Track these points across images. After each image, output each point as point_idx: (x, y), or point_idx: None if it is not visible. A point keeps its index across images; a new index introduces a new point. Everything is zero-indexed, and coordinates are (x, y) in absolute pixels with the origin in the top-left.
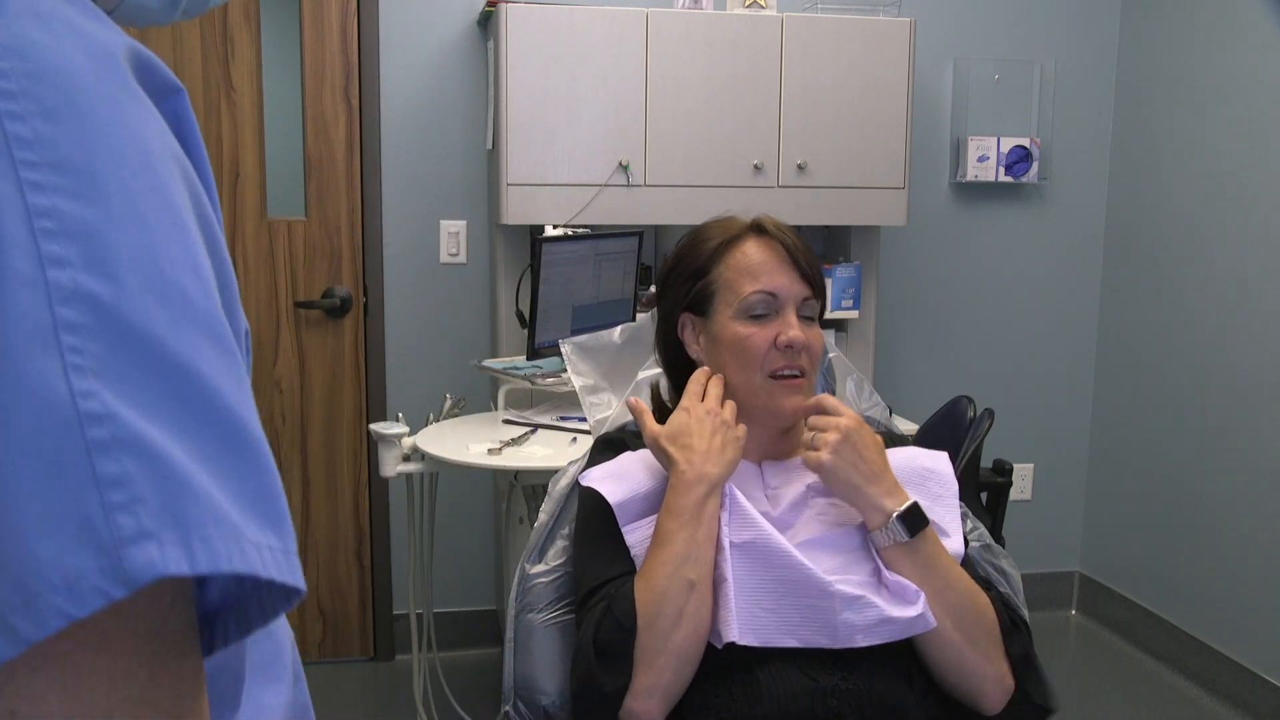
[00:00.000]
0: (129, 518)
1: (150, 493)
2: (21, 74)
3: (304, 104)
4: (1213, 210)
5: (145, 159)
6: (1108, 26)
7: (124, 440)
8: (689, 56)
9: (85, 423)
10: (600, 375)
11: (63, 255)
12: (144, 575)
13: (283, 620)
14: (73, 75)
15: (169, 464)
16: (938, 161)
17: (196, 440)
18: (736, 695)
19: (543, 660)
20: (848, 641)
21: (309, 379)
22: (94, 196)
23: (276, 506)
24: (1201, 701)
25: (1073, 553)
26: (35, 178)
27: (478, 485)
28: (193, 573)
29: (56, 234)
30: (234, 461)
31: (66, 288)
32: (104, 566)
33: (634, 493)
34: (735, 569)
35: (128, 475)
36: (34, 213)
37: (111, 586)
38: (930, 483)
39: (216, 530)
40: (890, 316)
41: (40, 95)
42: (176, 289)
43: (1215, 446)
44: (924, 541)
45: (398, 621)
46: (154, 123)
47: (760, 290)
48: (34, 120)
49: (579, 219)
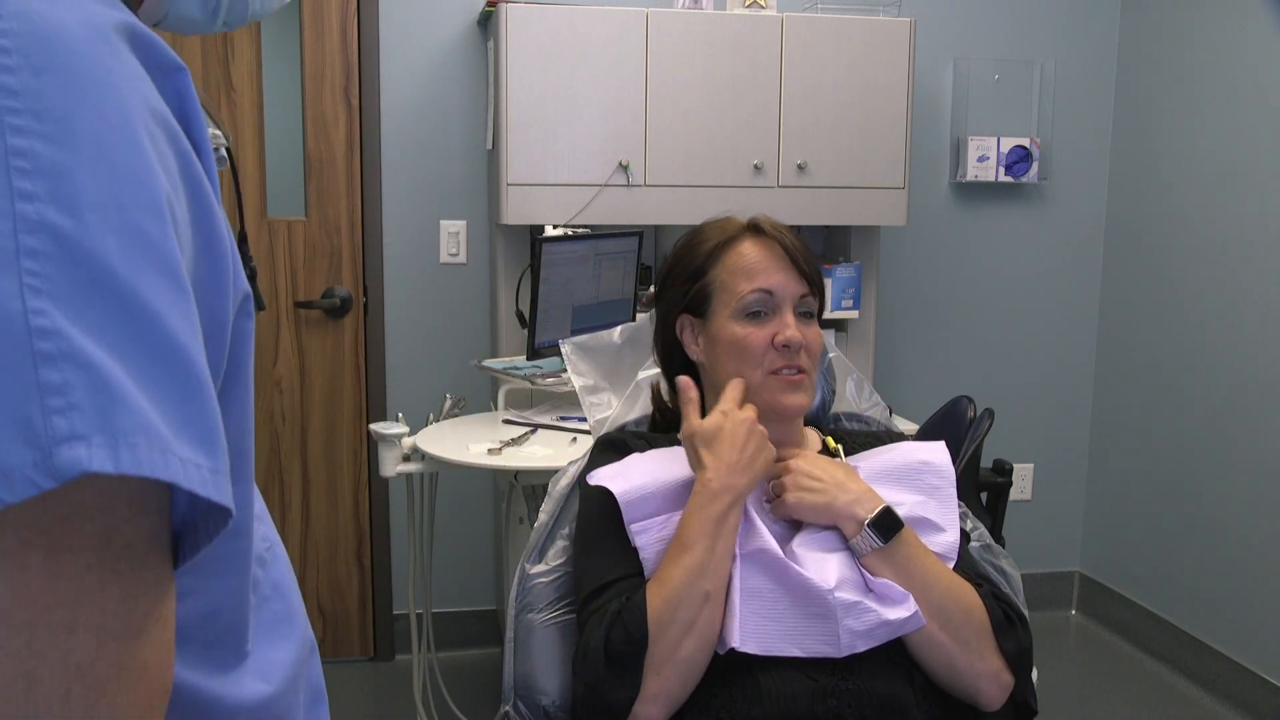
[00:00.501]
0: (64, 420)
1: (86, 401)
2: (19, 34)
3: (304, 104)
4: (1213, 210)
5: (123, 115)
6: (1108, 26)
7: (68, 354)
8: (689, 56)
9: (34, 336)
10: (600, 375)
11: (31, 190)
12: (71, 470)
13: (294, 587)
14: (64, 39)
15: (107, 379)
16: (938, 161)
17: (137, 363)
18: (736, 696)
19: (543, 660)
20: (850, 649)
21: (309, 379)
22: (67, 142)
23: (209, 429)
24: (1201, 701)
25: (1073, 553)
26: (17, 122)
27: (478, 485)
28: (116, 472)
29: (29, 172)
30: (171, 385)
31: (32, 219)
32: (36, 460)
33: (642, 493)
34: (742, 577)
35: (68, 384)
36: (10, 152)
37: (41, 478)
38: (927, 475)
39: (144, 440)
40: (890, 316)
41: (32, 53)
42: (135, 228)
43: (1215, 446)
44: (900, 545)
45: (398, 621)
46: (137, 85)
47: (757, 289)
48: (23, 73)
49: (579, 219)
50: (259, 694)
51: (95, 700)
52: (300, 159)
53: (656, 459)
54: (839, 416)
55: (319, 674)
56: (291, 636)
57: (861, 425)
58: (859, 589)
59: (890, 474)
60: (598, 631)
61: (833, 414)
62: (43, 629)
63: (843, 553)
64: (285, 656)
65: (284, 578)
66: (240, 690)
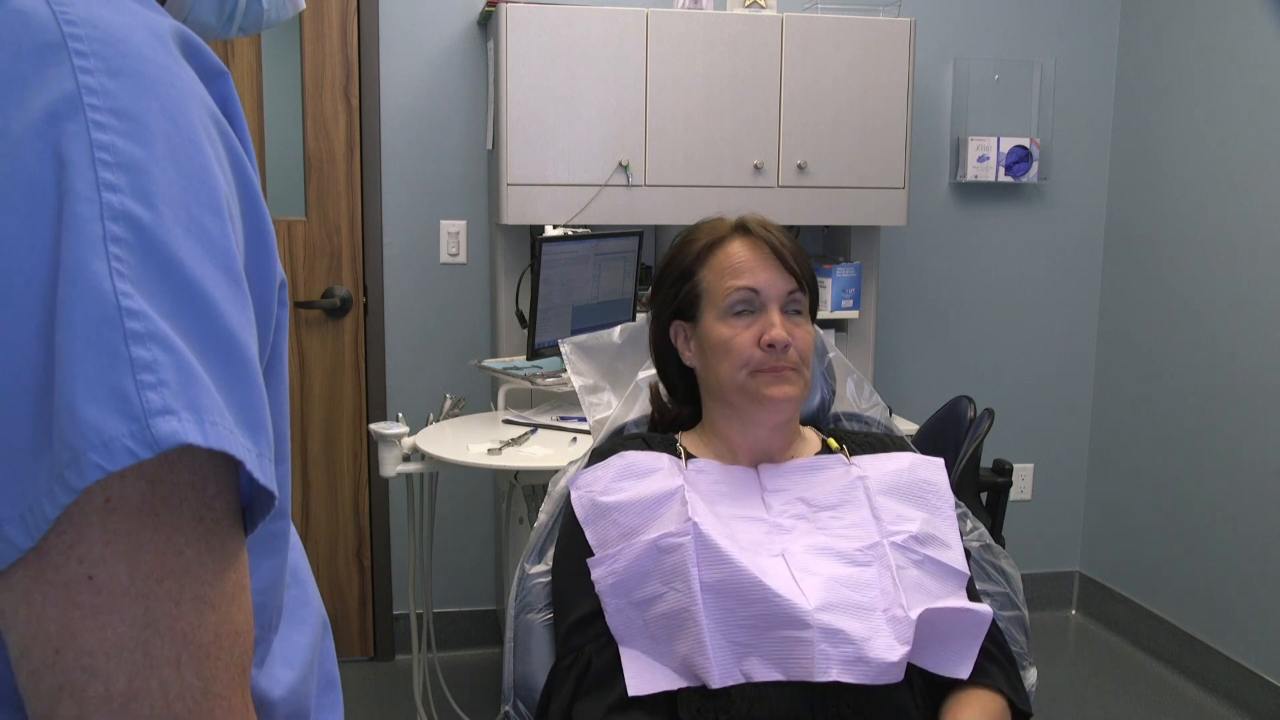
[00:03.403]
0: (156, 395)
1: (173, 379)
2: (94, 39)
3: (304, 104)
4: (1213, 210)
5: (185, 115)
6: (1108, 26)
7: (154, 334)
8: (689, 56)
9: (125, 316)
10: (600, 375)
11: (115, 182)
12: (167, 442)
13: (309, 572)
14: (132, 43)
15: (187, 360)
16: (938, 161)
17: (201, 349)
18: (736, 697)
19: (542, 660)
20: (824, 675)
21: (309, 379)
22: (143, 139)
23: (258, 416)
24: (1201, 701)
25: (1073, 553)
26: (99, 119)
27: (478, 485)
28: (205, 445)
29: (111, 165)
30: (229, 373)
31: (116, 208)
32: (134, 431)
33: (616, 520)
34: (708, 609)
35: (157, 362)
36: (96, 146)
37: (140, 448)
38: (930, 496)
39: (220, 419)
40: (890, 316)
41: (107, 56)
42: (199, 225)
43: (1215, 446)
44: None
45: (398, 621)
46: (195, 88)
47: (741, 287)
48: (101, 75)
49: (579, 219)
50: (287, 682)
51: (201, 664)
52: (300, 159)
53: (639, 467)
54: (839, 416)
55: (333, 659)
56: (308, 620)
57: (861, 425)
58: (860, 610)
59: (898, 489)
60: (565, 686)
61: (833, 414)
62: (155, 600)
63: (864, 568)
64: (304, 640)
65: (300, 563)
66: (275, 681)
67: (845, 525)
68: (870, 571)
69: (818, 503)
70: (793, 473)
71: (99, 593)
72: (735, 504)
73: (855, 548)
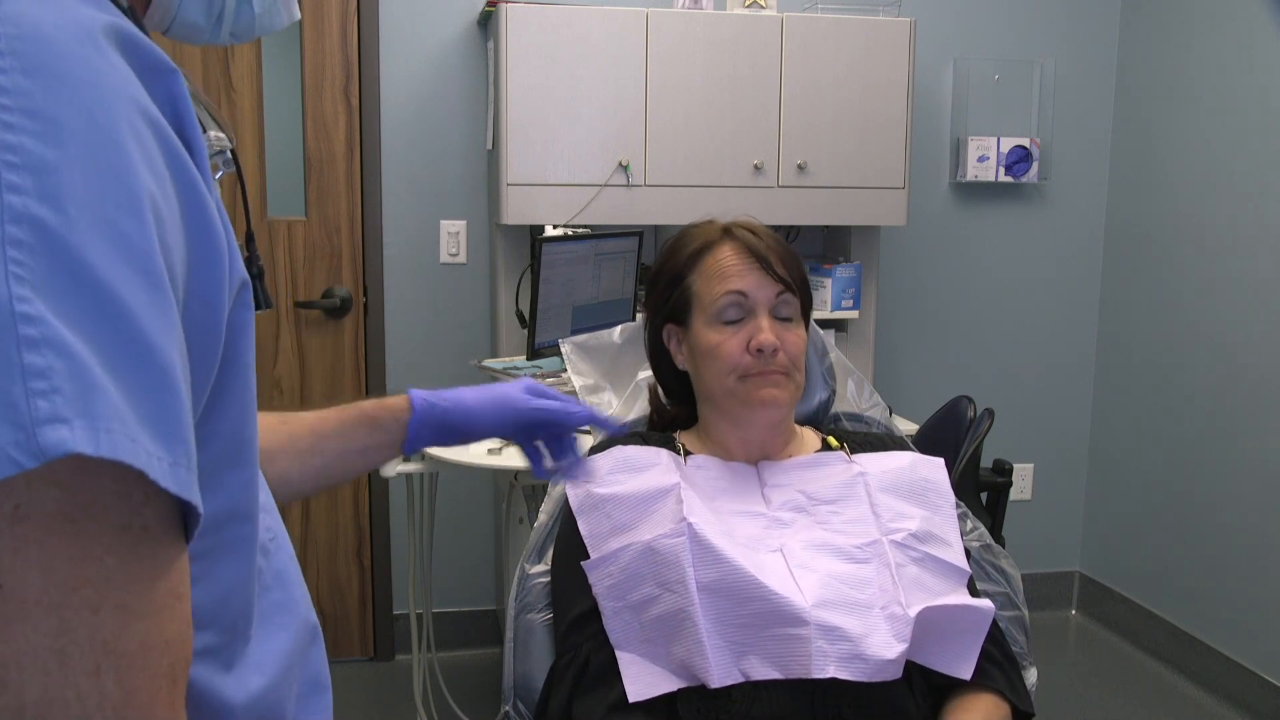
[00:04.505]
0: (47, 403)
1: (67, 386)
2: (12, 37)
3: (304, 104)
4: (1213, 210)
5: (108, 115)
6: (1108, 26)
7: (50, 340)
8: (689, 56)
9: (19, 321)
10: (600, 375)
11: (19, 184)
12: (54, 450)
13: (297, 577)
14: (54, 41)
15: (86, 366)
16: (938, 161)
17: (110, 355)
18: (736, 696)
19: (542, 660)
20: (820, 672)
21: (309, 379)
22: (56, 140)
23: (170, 425)
24: (1201, 701)
25: (1073, 553)
26: (8, 119)
27: (478, 485)
28: (95, 454)
29: (18, 166)
30: (140, 380)
31: (18, 210)
32: (18, 440)
33: (609, 512)
34: (704, 609)
35: (50, 369)
36: (2, 147)
37: (23, 457)
38: (930, 494)
39: (119, 427)
40: (890, 316)
41: (24, 54)
42: (116, 228)
43: (1215, 446)
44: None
45: (397, 621)
46: (125, 87)
47: (729, 291)
48: (15, 74)
49: (579, 219)
50: (255, 687)
51: (122, 673)
52: (300, 159)
53: (637, 455)
54: (839, 416)
55: (322, 663)
56: (289, 626)
57: (862, 425)
58: (857, 607)
59: (899, 487)
60: (564, 684)
61: (833, 414)
62: (71, 609)
63: (863, 565)
64: (280, 646)
65: (286, 567)
66: (241, 686)
67: (845, 521)
68: (869, 569)
69: (818, 496)
70: (793, 469)
71: (8, 601)
72: (734, 499)
73: (854, 544)
